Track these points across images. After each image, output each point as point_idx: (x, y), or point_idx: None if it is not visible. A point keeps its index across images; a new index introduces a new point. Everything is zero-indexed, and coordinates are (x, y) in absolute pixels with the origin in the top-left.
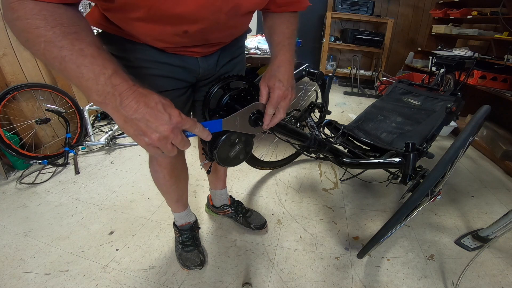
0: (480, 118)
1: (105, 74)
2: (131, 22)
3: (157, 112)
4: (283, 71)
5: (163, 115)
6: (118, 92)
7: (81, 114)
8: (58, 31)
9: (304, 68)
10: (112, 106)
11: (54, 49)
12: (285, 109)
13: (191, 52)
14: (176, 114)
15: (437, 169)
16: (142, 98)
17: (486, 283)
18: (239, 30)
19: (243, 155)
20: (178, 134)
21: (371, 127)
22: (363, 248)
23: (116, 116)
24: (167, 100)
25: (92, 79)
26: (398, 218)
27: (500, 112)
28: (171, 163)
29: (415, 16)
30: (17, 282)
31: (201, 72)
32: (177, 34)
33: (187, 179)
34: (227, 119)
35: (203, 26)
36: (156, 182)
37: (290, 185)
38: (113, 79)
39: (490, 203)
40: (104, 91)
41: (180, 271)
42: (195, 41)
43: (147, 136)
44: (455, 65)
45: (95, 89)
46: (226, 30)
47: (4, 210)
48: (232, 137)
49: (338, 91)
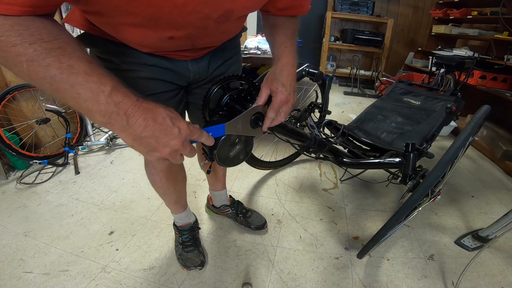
0: (480, 118)
1: (104, 92)
2: (113, 26)
3: (167, 127)
4: (285, 74)
5: (173, 130)
6: (122, 111)
7: (81, 114)
8: (39, 47)
9: (304, 68)
10: (119, 126)
11: (39, 68)
12: (287, 114)
13: (180, 55)
14: (185, 127)
15: (437, 169)
16: (149, 114)
17: (486, 283)
18: (230, 35)
19: (243, 155)
20: (187, 146)
21: (371, 127)
22: (363, 248)
23: (123, 136)
24: (173, 113)
25: (91, 99)
26: (398, 218)
27: (500, 112)
28: (167, 166)
29: (415, 16)
30: (17, 282)
31: (191, 76)
32: (161, 40)
33: (185, 180)
34: (229, 123)
35: (190, 31)
36: (153, 184)
37: (290, 185)
38: (114, 96)
39: (490, 203)
40: (108, 111)
41: (180, 271)
42: (182, 46)
43: (159, 151)
44: (455, 65)
45: (97, 110)
46: (216, 35)
47: (4, 210)
48: (232, 137)
49: (338, 91)
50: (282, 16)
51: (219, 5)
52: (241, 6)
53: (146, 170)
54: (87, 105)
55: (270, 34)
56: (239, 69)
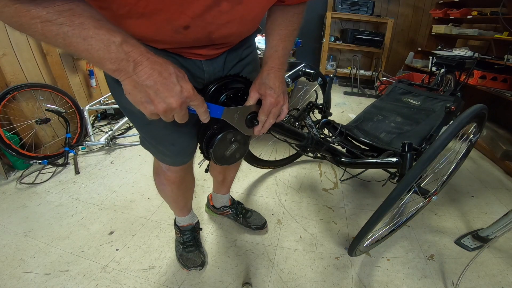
0: (466, 117)
1: (115, 42)
2: (124, 20)
3: (170, 83)
4: (272, 77)
5: (175, 87)
6: (132, 58)
7: (81, 114)
8: (52, 10)
9: (301, 68)
10: (125, 72)
11: (53, 27)
12: (275, 115)
13: (195, 54)
14: (188, 88)
15: (416, 168)
16: (156, 66)
17: (486, 283)
18: (246, 28)
19: (239, 154)
20: (184, 109)
21: (370, 127)
22: (351, 244)
23: (126, 82)
24: (181, 72)
25: (102, 49)
26: (379, 214)
27: (500, 112)
28: (180, 176)
29: (415, 16)
30: (17, 282)
31: (206, 77)
32: (177, 31)
33: (194, 186)
34: (228, 109)
35: (204, 17)
36: (162, 193)
37: (290, 185)
38: (125, 46)
39: (490, 203)
40: (118, 58)
41: (180, 271)
42: (199, 39)
43: (154, 105)
44: (455, 65)
45: (108, 58)
46: (232, 25)
47: (4, 210)
48: (228, 136)
49: (338, 91)
50: (286, 7)
51: None
52: None
53: (156, 179)
54: (99, 54)
55: (267, 33)
56: (255, 70)
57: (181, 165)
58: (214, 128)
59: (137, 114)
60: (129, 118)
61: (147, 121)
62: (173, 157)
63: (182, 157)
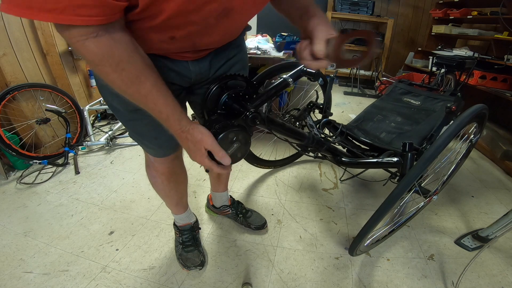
0: (466, 117)
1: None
2: None
3: (195, 151)
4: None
5: (200, 152)
6: (184, 133)
7: (81, 114)
8: (125, 78)
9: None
10: (178, 138)
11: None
12: None
13: (181, 56)
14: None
15: (417, 167)
16: (190, 138)
17: (486, 283)
18: (230, 35)
19: (240, 154)
20: (207, 163)
21: (371, 127)
22: (352, 243)
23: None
24: (210, 139)
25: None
26: (380, 213)
27: (500, 112)
28: (168, 168)
29: (415, 16)
30: (17, 282)
31: (193, 77)
32: (162, 41)
33: (186, 182)
34: None
35: (190, 30)
36: (154, 186)
37: (290, 185)
38: (183, 125)
39: (490, 203)
40: (177, 131)
41: (180, 271)
42: (183, 47)
43: (192, 158)
44: (455, 65)
45: (171, 127)
46: (216, 34)
47: (4, 210)
48: (230, 136)
49: (338, 91)
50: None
51: (220, 3)
52: (241, 2)
53: (147, 172)
54: (166, 124)
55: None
56: (243, 68)
57: (164, 157)
58: (215, 128)
59: (122, 111)
60: (115, 114)
61: (130, 117)
62: (157, 149)
63: (165, 150)
